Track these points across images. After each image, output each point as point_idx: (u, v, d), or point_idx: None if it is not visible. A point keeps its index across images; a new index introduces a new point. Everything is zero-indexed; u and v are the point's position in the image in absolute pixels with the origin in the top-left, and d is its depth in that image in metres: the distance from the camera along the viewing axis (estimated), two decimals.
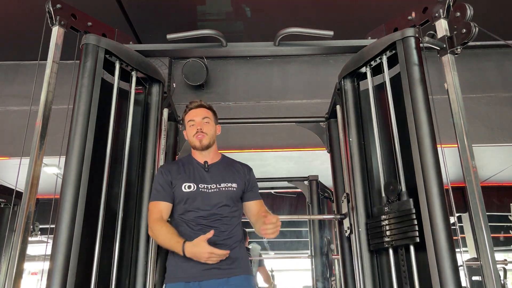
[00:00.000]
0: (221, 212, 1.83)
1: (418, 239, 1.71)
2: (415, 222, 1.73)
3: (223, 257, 1.69)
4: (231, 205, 1.86)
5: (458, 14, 2.02)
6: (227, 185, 1.89)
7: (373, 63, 2.17)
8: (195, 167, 1.94)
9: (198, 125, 1.93)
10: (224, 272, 1.74)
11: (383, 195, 1.94)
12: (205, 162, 1.94)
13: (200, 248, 1.65)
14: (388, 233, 1.84)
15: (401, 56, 1.95)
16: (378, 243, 1.90)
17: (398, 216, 1.82)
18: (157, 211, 1.84)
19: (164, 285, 1.80)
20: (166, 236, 1.75)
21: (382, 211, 1.91)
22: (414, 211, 1.75)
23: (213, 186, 1.87)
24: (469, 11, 1.97)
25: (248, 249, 4.30)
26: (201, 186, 1.86)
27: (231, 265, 1.77)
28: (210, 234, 1.67)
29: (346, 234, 2.14)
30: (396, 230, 1.81)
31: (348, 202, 2.14)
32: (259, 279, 4.62)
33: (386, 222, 1.86)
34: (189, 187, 1.86)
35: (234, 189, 1.89)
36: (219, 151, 2.06)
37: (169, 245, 1.75)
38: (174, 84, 3.81)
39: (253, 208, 1.95)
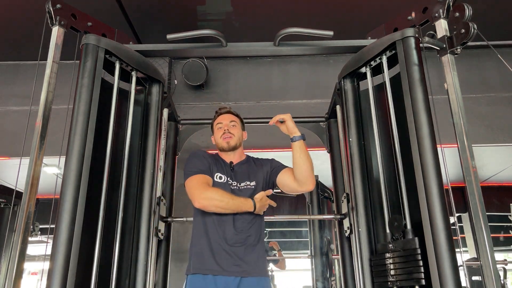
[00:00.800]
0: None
1: (424, 282, 1.63)
2: (421, 263, 1.66)
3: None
4: None
5: (457, 14, 2.01)
6: (246, 183, 1.96)
7: (373, 63, 2.17)
8: (224, 163, 2.02)
9: (226, 127, 2.03)
10: (239, 271, 1.76)
11: (388, 231, 1.88)
12: (231, 162, 2.02)
13: (264, 201, 1.86)
14: (392, 272, 1.78)
15: (401, 56, 1.95)
16: (382, 282, 1.84)
17: (403, 256, 1.75)
18: (204, 181, 1.86)
19: (186, 276, 1.83)
20: (230, 197, 1.82)
21: (386, 249, 1.85)
22: (419, 251, 1.68)
23: (234, 184, 1.95)
24: (468, 11, 1.96)
25: None
26: (229, 180, 1.95)
27: (248, 265, 1.78)
28: (269, 192, 1.89)
29: (346, 234, 2.14)
30: (400, 270, 1.75)
31: (348, 202, 2.14)
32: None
33: (391, 260, 1.81)
34: (220, 177, 1.94)
35: (253, 187, 1.95)
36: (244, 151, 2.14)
37: (237, 205, 1.81)
38: (175, 81, 3.80)
39: (287, 174, 1.97)
